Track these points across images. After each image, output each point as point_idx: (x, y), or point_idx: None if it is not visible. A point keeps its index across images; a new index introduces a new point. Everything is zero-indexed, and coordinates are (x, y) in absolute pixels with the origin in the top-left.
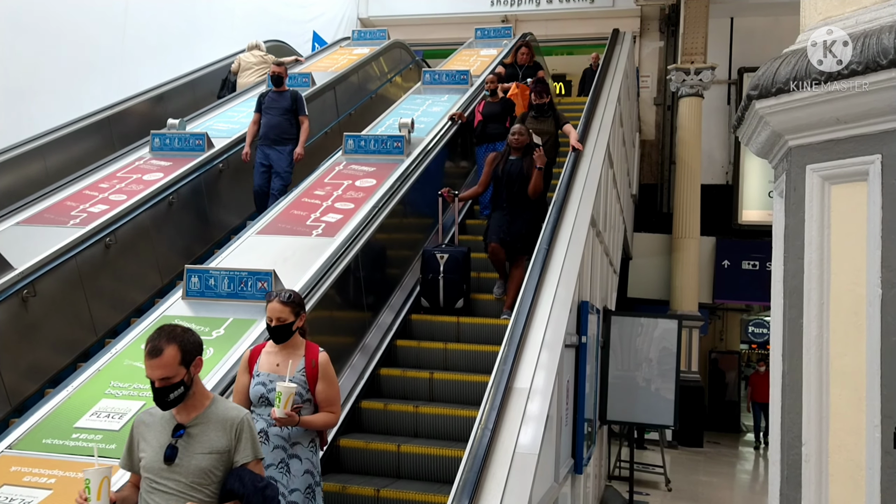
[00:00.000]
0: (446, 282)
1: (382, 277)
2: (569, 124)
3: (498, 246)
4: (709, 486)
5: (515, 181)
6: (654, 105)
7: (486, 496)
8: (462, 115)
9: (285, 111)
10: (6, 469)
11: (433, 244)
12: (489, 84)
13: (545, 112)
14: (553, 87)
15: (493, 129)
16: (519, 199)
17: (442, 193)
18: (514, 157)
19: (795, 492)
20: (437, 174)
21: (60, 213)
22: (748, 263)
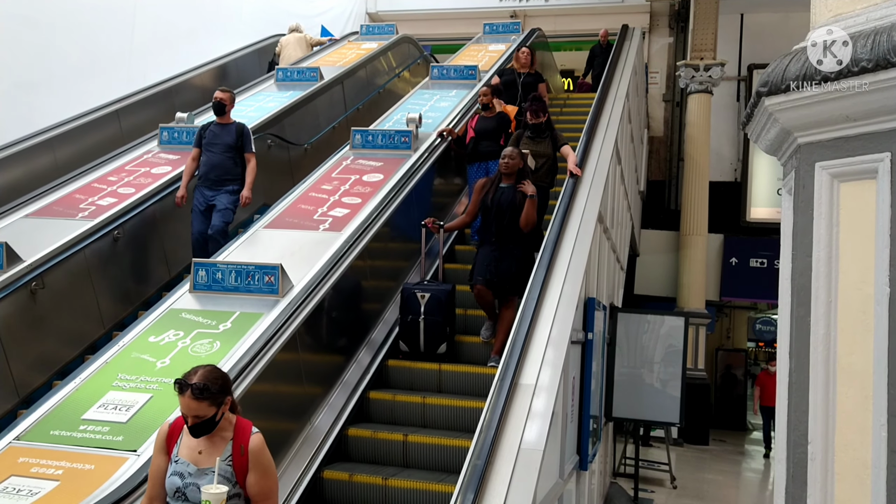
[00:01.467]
0: (427, 324)
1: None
2: (567, 146)
3: (484, 288)
4: (714, 484)
5: (506, 212)
6: (663, 101)
7: (490, 492)
8: (452, 130)
9: (228, 148)
10: (14, 460)
11: (415, 278)
12: (482, 97)
13: (542, 132)
14: (562, 83)
15: (485, 146)
16: (510, 233)
17: (425, 224)
18: (504, 184)
19: (801, 490)
20: (425, 194)
21: (69, 206)
22: (756, 261)
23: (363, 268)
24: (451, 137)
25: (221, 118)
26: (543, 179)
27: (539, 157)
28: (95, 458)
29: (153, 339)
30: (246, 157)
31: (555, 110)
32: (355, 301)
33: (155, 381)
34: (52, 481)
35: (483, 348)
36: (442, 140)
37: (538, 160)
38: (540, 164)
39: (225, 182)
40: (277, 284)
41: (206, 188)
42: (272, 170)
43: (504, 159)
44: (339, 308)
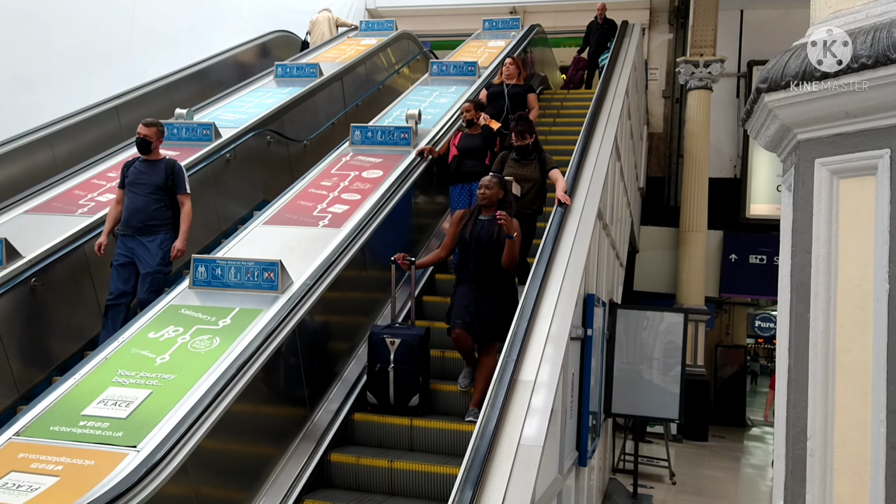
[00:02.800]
0: (398, 374)
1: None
2: (557, 170)
3: (463, 333)
4: (713, 479)
5: (486, 248)
6: (663, 98)
7: (489, 488)
8: (433, 148)
9: (156, 189)
10: (14, 455)
11: (386, 320)
12: (465, 113)
13: (528, 154)
14: (561, 79)
15: (470, 165)
16: (490, 271)
17: (395, 260)
18: (484, 216)
19: (800, 486)
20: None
21: (68, 202)
22: (755, 257)
23: (363, 263)
24: (431, 157)
25: (147, 155)
26: (530, 206)
27: (525, 181)
28: (95, 453)
29: (153, 335)
30: (179, 200)
31: (555, 104)
32: (351, 300)
33: (154, 377)
34: (51, 477)
35: (461, 398)
36: (422, 159)
37: (524, 185)
38: (526, 190)
39: (151, 230)
40: (277, 280)
41: (128, 237)
42: (271, 165)
43: (481, 189)
44: (337, 306)
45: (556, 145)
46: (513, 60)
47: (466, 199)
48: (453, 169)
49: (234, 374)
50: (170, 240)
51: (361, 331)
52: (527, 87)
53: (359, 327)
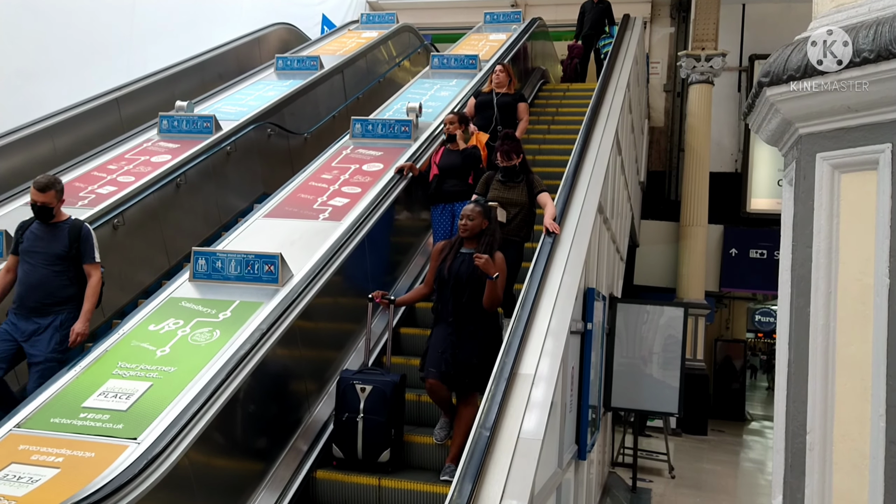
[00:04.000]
0: (367, 425)
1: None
2: (545, 193)
3: (437, 383)
4: (712, 473)
5: (465, 286)
6: (664, 91)
7: (489, 481)
8: (413, 165)
9: (57, 259)
10: (14, 447)
11: (357, 362)
12: (448, 126)
13: (515, 176)
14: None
15: (451, 185)
16: (470, 312)
17: (373, 297)
18: (466, 249)
19: (799, 480)
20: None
21: (69, 194)
22: (756, 252)
23: (363, 259)
24: (411, 174)
25: (47, 220)
26: (516, 233)
27: (511, 205)
28: (96, 445)
29: (153, 328)
30: (86, 271)
31: (555, 99)
32: (352, 295)
33: (155, 370)
34: (52, 469)
35: (438, 451)
36: (401, 177)
37: (510, 210)
38: (512, 215)
39: (48, 310)
40: (277, 273)
41: (21, 317)
42: (272, 158)
43: (462, 220)
44: (340, 296)
45: (556, 144)
46: (503, 68)
47: (448, 221)
48: (433, 189)
49: (234, 367)
50: (70, 321)
51: (360, 330)
52: (517, 96)
53: (353, 328)
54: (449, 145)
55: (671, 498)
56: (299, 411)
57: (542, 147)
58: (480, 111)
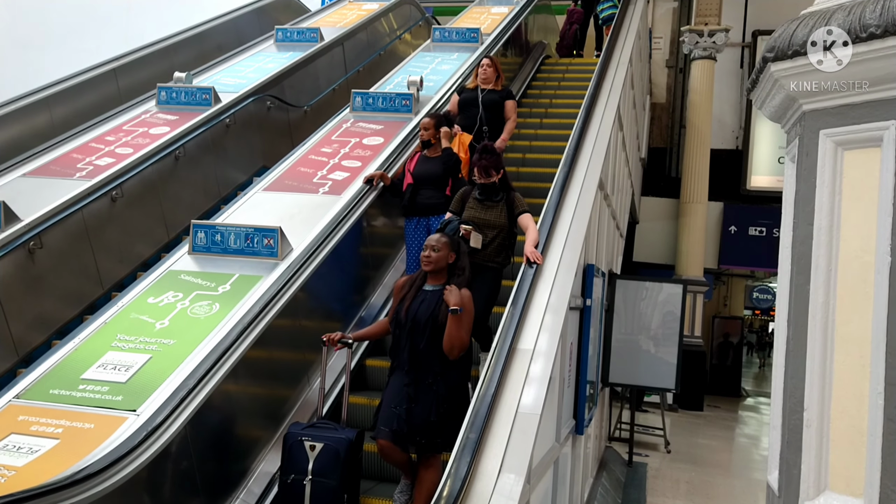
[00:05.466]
0: (316, 489)
1: None
2: (528, 215)
3: (389, 445)
4: (707, 448)
5: (424, 330)
6: (666, 67)
7: (487, 455)
8: (384, 174)
9: None
10: (13, 418)
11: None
12: (423, 131)
13: (493, 194)
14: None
15: (426, 197)
16: (428, 361)
17: (326, 340)
18: (430, 285)
19: (796, 456)
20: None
21: (66, 166)
22: (755, 229)
23: (364, 232)
24: (382, 184)
25: None
26: (493, 258)
27: (488, 227)
28: (95, 417)
29: (152, 301)
30: None
31: (557, 73)
32: (350, 272)
33: (154, 342)
34: (51, 439)
35: None
36: (371, 188)
37: (487, 232)
38: (489, 238)
39: None
40: (277, 247)
41: None
42: (271, 131)
43: (425, 251)
44: (337, 273)
45: (558, 118)
46: (490, 62)
47: (423, 235)
48: (407, 200)
49: (233, 341)
50: None
51: (359, 303)
52: (505, 93)
53: (357, 299)
54: (424, 151)
55: (666, 472)
56: (299, 384)
57: (544, 121)
58: (464, 109)
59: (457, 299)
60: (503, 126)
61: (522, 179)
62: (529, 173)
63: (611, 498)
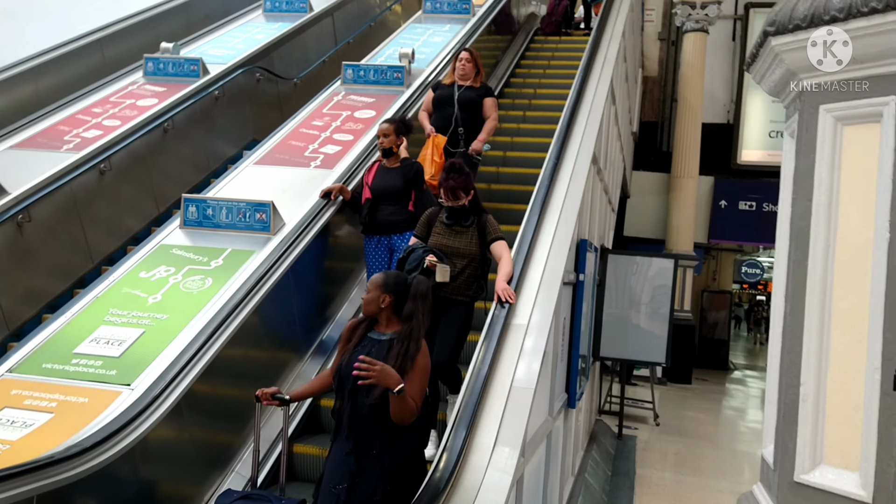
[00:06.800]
0: None
1: None
2: (502, 242)
3: None
4: (695, 421)
5: (370, 387)
6: (659, 40)
7: (482, 428)
8: (343, 187)
9: None
10: (7, 392)
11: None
12: (383, 137)
13: (463, 218)
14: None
15: (387, 213)
16: (373, 427)
17: (262, 396)
18: (378, 333)
19: (791, 430)
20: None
21: (53, 138)
22: (745, 204)
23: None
24: (342, 197)
25: None
26: (463, 291)
27: (458, 256)
28: (89, 391)
29: (144, 275)
30: None
31: (547, 53)
32: (343, 245)
33: (147, 317)
34: (45, 413)
35: None
36: (329, 202)
37: (457, 262)
38: (458, 269)
39: None
40: (269, 222)
41: None
42: (261, 104)
43: (367, 293)
44: (332, 246)
45: (551, 88)
46: (469, 55)
47: (385, 257)
48: (365, 216)
49: (227, 315)
50: None
51: (353, 276)
52: (483, 90)
53: (350, 272)
54: (384, 161)
55: (655, 444)
56: (293, 356)
57: (538, 91)
58: (439, 108)
59: (392, 378)
60: (481, 127)
61: (509, 164)
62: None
63: (601, 470)
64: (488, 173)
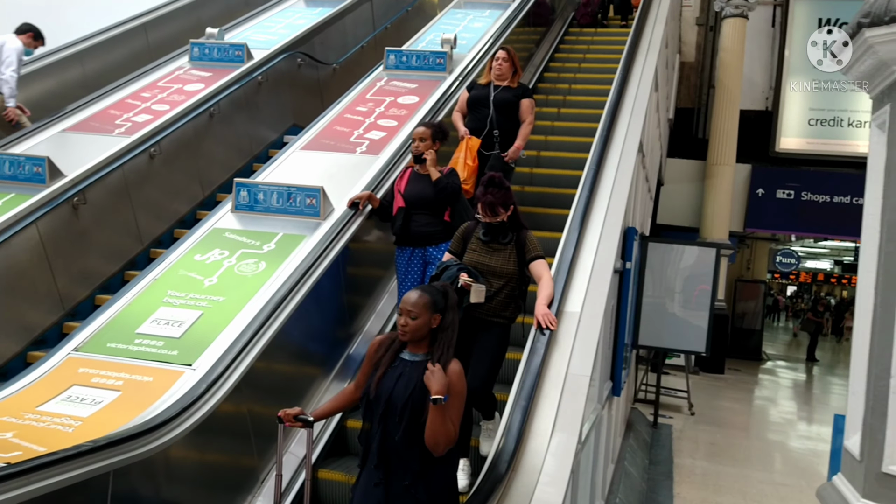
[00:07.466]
0: None
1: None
2: (542, 261)
3: None
4: (730, 411)
5: (401, 415)
6: (696, 25)
7: (539, 415)
8: (372, 195)
9: None
10: (74, 370)
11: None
12: (419, 142)
13: (501, 235)
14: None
15: (421, 223)
16: (406, 456)
17: (284, 417)
18: (410, 354)
19: (880, 422)
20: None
21: (105, 122)
22: (783, 192)
23: None
24: (371, 206)
25: None
26: (499, 312)
27: (495, 276)
28: (153, 370)
29: (199, 258)
30: None
31: (585, 39)
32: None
33: (204, 299)
34: (113, 391)
35: None
36: (356, 212)
37: (493, 282)
38: (495, 289)
39: None
40: (319, 207)
41: None
42: (302, 89)
43: (400, 317)
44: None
45: (586, 84)
46: (506, 54)
47: (418, 270)
48: (398, 227)
49: (281, 300)
50: None
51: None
52: (521, 90)
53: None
54: (417, 167)
55: (690, 433)
56: (345, 337)
57: (573, 87)
58: (474, 109)
59: (440, 385)
60: (518, 129)
61: (543, 165)
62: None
63: (638, 458)
64: (521, 175)
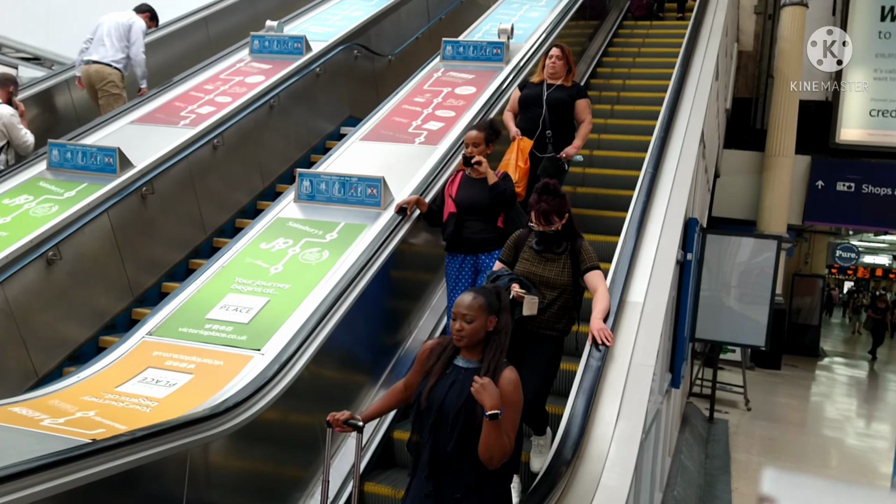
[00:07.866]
0: None
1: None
2: (597, 272)
3: None
4: (787, 407)
5: (454, 424)
6: (755, 14)
7: (604, 402)
8: (420, 199)
9: None
10: (148, 353)
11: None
12: (472, 147)
13: (555, 245)
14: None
15: (473, 230)
16: (457, 468)
17: (333, 422)
18: (463, 360)
19: None
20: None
21: (171, 114)
22: (844, 185)
23: None
24: (420, 211)
25: None
26: (552, 325)
27: (548, 287)
28: (223, 354)
29: (264, 246)
30: None
31: (635, 41)
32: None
33: (270, 287)
34: (186, 374)
35: None
36: (404, 218)
37: (546, 293)
38: (549, 301)
39: None
40: (380, 197)
41: None
42: (358, 80)
43: (455, 322)
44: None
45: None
46: (561, 52)
47: (469, 277)
48: (450, 233)
49: (343, 290)
50: None
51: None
52: (575, 89)
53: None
54: (468, 170)
55: (746, 429)
56: (402, 329)
57: (627, 83)
58: (526, 108)
59: (493, 400)
60: (571, 131)
61: (596, 165)
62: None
63: (695, 452)
64: (573, 175)
